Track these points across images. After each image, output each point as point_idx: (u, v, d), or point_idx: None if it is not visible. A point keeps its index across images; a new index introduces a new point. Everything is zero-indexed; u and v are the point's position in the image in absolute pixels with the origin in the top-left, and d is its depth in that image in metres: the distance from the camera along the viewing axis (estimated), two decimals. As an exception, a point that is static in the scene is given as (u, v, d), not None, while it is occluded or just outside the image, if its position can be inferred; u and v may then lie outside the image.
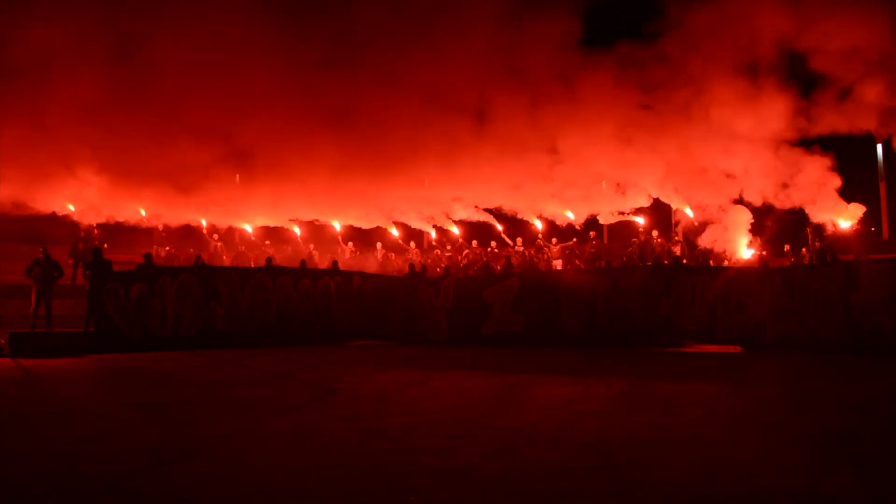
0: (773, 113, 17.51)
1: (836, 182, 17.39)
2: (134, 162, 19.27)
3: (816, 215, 17.81)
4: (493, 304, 15.43)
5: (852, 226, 17.72)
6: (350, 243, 22.13)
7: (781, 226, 18.76)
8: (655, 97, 18.95)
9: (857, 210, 17.59)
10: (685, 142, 18.66)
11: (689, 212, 19.90)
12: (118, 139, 19.05)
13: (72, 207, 20.47)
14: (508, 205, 21.74)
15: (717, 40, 18.04)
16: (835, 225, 17.80)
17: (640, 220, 20.60)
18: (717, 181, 18.71)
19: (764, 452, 5.59)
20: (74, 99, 18.16)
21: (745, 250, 18.28)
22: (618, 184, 20.64)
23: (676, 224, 20.69)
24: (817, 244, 17.48)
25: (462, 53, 19.79)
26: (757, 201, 18.25)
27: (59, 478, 5.09)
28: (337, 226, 22.72)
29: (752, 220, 18.27)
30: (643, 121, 19.11)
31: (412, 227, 22.92)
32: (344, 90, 19.85)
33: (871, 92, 16.58)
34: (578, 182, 20.50)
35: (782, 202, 17.98)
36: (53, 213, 19.74)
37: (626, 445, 5.82)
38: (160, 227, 21.76)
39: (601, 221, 21.43)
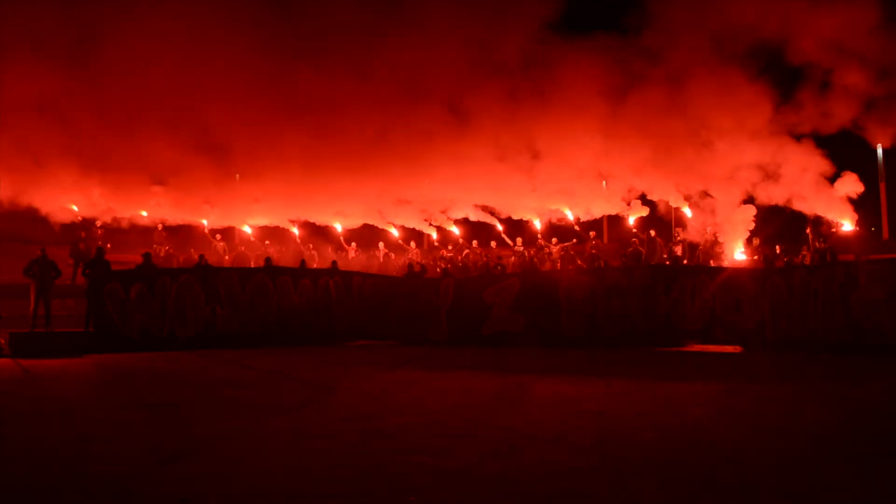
0: (759, 107, 17.50)
1: (825, 168, 17.35)
2: (122, 162, 19.19)
3: (804, 206, 17.78)
4: (493, 304, 15.43)
5: (853, 229, 17.69)
6: (353, 244, 22.14)
7: (776, 224, 18.77)
8: (638, 89, 18.93)
9: (850, 184, 17.40)
10: (669, 134, 18.61)
11: (687, 211, 19.90)
12: (99, 137, 18.94)
13: (75, 208, 20.48)
14: (492, 203, 21.66)
15: (699, 32, 18.10)
16: (834, 224, 17.77)
17: (631, 220, 20.57)
18: (701, 172, 18.70)
19: (764, 452, 5.59)
20: (50, 97, 18.13)
21: (740, 230, 18.27)
22: (600, 175, 20.53)
23: (666, 218, 20.68)
24: (818, 244, 17.44)
25: (439, 45, 19.71)
26: (742, 195, 18.27)
27: (59, 478, 5.09)
28: (338, 227, 22.71)
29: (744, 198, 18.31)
30: (625, 113, 19.03)
31: (394, 225, 22.84)
32: (318, 86, 19.78)
33: (855, 83, 16.58)
34: (565, 179, 20.44)
35: (769, 197, 17.97)
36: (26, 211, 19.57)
37: (626, 445, 5.82)
38: (159, 226, 21.76)
39: (582, 218, 21.33)
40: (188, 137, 19.35)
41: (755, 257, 17.73)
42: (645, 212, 20.39)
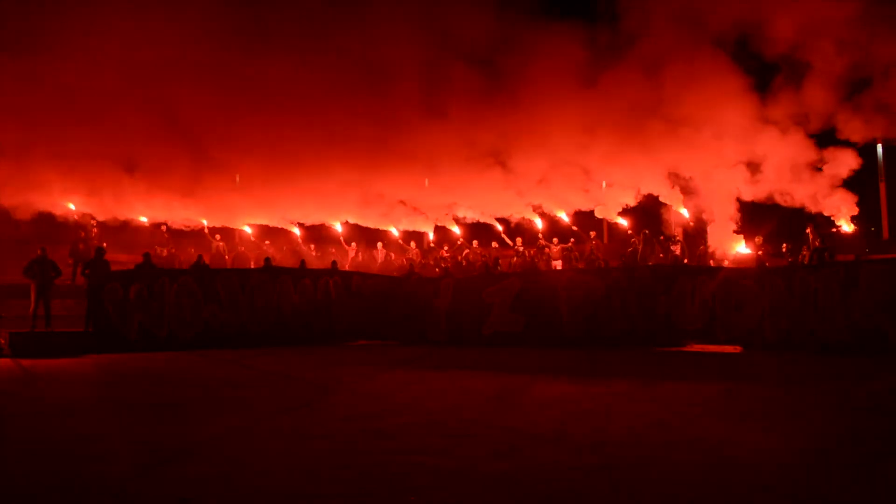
0: (740, 97, 17.47)
1: (811, 155, 17.26)
2: (82, 153, 18.96)
3: (791, 198, 17.72)
4: (493, 304, 15.41)
5: (852, 229, 17.67)
6: (353, 244, 22.13)
7: (772, 221, 18.72)
8: (614, 79, 18.76)
9: (840, 164, 17.27)
10: (648, 124, 18.53)
11: (684, 211, 19.91)
12: (56, 127, 18.71)
13: (72, 206, 20.44)
14: (467, 201, 21.57)
15: (675, 20, 18.07)
16: (834, 221, 17.75)
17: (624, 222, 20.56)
18: (684, 164, 18.64)
19: (764, 452, 5.59)
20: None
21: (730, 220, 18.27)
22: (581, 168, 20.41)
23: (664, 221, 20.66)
24: (817, 243, 17.39)
25: (402, 33, 19.56)
26: (728, 187, 18.20)
27: (59, 478, 5.09)
28: (338, 226, 22.71)
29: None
30: (602, 104, 18.86)
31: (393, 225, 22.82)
32: (279, 80, 19.61)
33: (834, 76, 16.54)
34: (540, 171, 20.35)
35: (756, 189, 17.93)
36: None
37: (626, 445, 5.82)
38: (163, 227, 21.73)
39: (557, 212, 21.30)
40: (152, 128, 19.12)
41: (759, 252, 17.71)
42: (629, 200, 20.31)
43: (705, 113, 17.77)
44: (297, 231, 22.97)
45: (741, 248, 18.45)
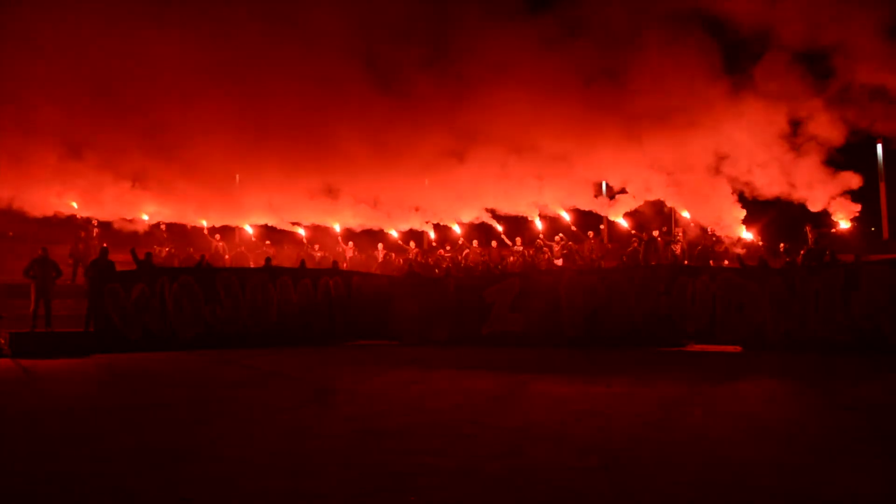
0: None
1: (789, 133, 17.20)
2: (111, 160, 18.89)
3: (773, 186, 17.71)
4: (493, 304, 15.42)
5: (850, 226, 17.63)
6: (350, 243, 22.11)
7: (769, 217, 18.69)
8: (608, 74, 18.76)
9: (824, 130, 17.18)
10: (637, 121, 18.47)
11: (686, 214, 19.89)
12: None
13: (75, 205, 20.40)
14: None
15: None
16: (833, 223, 17.71)
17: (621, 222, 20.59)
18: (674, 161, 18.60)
19: (764, 452, 5.59)
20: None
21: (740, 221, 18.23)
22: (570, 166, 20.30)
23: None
24: (812, 242, 17.29)
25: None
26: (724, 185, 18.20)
27: (59, 478, 5.09)
28: (337, 227, 22.70)
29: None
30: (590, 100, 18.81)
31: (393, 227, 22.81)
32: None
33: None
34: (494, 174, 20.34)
35: (741, 184, 17.93)
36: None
37: (626, 445, 5.82)
38: (162, 227, 21.70)
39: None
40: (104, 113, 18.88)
41: (760, 241, 17.68)
42: (630, 206, 20.32)
43: (678, 100, 17.74)
44: (302, 231, 22.95)
45: (746, 234, 18.38)
